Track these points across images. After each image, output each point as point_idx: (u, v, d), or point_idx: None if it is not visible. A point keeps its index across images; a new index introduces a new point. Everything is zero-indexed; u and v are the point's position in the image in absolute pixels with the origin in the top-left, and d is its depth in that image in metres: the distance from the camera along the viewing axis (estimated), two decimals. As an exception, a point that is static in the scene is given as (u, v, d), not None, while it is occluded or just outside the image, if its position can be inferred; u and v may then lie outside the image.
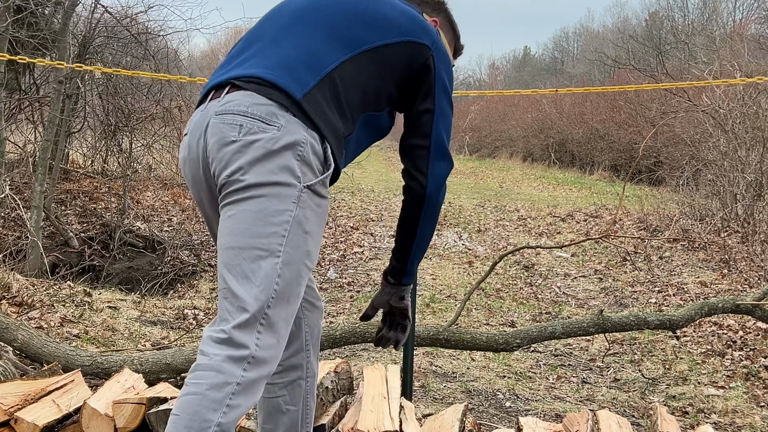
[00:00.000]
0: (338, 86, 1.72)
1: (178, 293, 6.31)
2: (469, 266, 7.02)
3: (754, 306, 3.80)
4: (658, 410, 2.76)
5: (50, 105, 7.22)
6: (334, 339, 3.41)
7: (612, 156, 18.09)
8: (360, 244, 7.97)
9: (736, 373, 3.98)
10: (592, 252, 7.84)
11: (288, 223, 1.64)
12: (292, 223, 1.65)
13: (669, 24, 29.96)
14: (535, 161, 22.24)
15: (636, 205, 10.28)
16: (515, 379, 3.92)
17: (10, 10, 6.55)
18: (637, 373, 4.06)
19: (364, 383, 2.83)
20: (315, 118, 1.66)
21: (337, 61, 1.71)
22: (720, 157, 8.91)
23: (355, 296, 5.71)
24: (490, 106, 27.86)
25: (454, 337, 3.49)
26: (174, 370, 3.15)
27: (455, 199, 12.67)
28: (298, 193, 1.64)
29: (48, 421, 2.39)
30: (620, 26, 41.80)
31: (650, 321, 3.70)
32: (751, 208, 7.92)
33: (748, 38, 16.67)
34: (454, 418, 2.63)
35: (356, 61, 1.73)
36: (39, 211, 6.28)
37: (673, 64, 17.10)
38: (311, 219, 1.68)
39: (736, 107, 8.88)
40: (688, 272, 6.67)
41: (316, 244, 1.72)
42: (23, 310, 4.28)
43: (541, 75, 46.64)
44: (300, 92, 1.66)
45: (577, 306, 5.68)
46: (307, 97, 1.67)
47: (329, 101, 1.71)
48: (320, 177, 1.68)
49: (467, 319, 5.07)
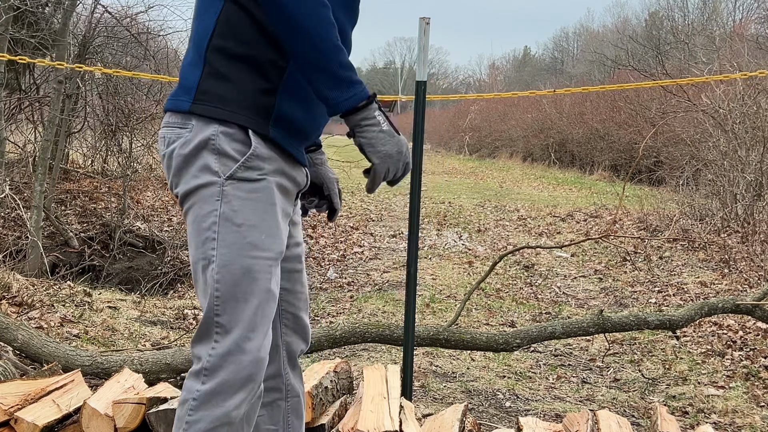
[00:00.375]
0: (229, 41, 1.61)
1: (178, 293, 6.31)
2: (469, 266, 7.02)
3: (754, 306, 3.80)
4: (658, 410, 2.76)
5: (50, 105, 7.22)
6: (334, 339, 3.41)
7: (612, 156, 18.09)
8: (360, 244, 7.97)
9: (736, 373, 3.98)
10: (592, 252, 7.84)
11: (216, 224, 1.58)
12: (220, 222, 1.58)
13: (669, 24, 29.97)
14: (535, 161, 22.25)
15: (636, 205, 10.28)
16: (515, 379, 3.92)
17: (10, 10, 6.55)
18: (637, 373, 4.06)
19: (364, 383, 2.83)
20: (215, 114, 1.58)
21: (211, 26, 1.62)
22: (720, 157, 8.91)
23: (355, 296, 5.71)
24: (490, 106, 27.86)
25: (454, 337, 3.49)
26: (174, 370, 3.15)
27: (455, 199, 12.67)
28: (219, 188, 1.57)
29: (48, 421, 2.39)
30: (620, 26, 41.81)
31: (650, 321, 3.70)
32: (751, 208, 7.92)
33: (748, 38, 16.66)
34: (454, 418, 2.63)
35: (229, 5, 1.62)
36: (39, 211, 6.29)
37: (673, 64, 17.10)
38: (242, 209, 1.58)
39: (736, 107, 8.88)
40: (688, 272, 6.67)
41: (261, 231, 1.60)
42: (23, 310, 4.28)
43: (541, 75, 46.65)
44: (186, 103, 1.61)
45: (577, 306, 5.68)
46: (198, 98, 1.61)
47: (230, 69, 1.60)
48: (241, 160, 1.58)
49: (467, 319, 5.07)
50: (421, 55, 2.98)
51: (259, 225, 1.59)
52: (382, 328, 3.50)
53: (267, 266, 1.61)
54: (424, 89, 3.01)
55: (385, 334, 3.46)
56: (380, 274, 6.54)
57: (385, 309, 5.31)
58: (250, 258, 1.58)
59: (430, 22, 2.95)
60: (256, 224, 1.59)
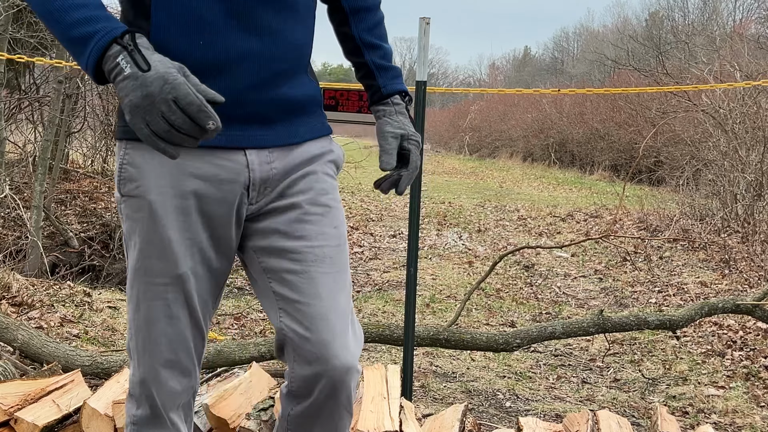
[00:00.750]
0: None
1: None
2: (469, 266, 7.02)
3: (754, 306, 3.80)
4: (658, 410, 2.75)
5: (50, 105, 7.22)
6: (334, 339, 3.40)
7: (612, 156, 18.10)
8: (360, 244, 7.97)
9: (737, 373, 3.98)
10: (592, 252, 7.84)
11: (127, 249, 1.45)
12: (126, 245, 1.45)
13: (669, 24, 29.98)
14: (535, 161, 22.25)
15: (636, 205, 10.28)
16: (515, 379, 3.92)
17: (10, 9, 6.55)
18: (637, 373, 4.06)
19: (364, 383, 2.83)
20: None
21: None
22: (720, 157, 8.91)
23: (355, 296, 5.71)
24: (490, 106, 27.87)
25: (454, 337, 3.49)
26: (174, 370, 3.14)
27: (455, 199, 12.67)
28: (119, 206, 1.43)
29: (48, 421, 2.39)
30: (620, 26, 41.82)
31: (650, 321, 3.70)
32: (751, 208, 7.92)
33: (749, 38, 16.67)
34: (454, 418, 2.63)
35: None
36: (39, 211, 6.28)
37: (674, 64, 17.10)
38: (130, 227, 1.41)
39: (736, 107, 8.88)
40: (688, 272, 6.67)
41: (147, 251, 1.39)
42: (23, 310, 4.28)
43: (541, 75, 46.67)
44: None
45: (577, 306, 5.68)
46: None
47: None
48: (117, 176, 1.40)
49: (467, 319, 5.07)
50: (421, 55, 2.98)
51: (141, 244, 1.40)
52: (382, 328, 3.50)
53: (159, 292, 1.41)
54: (424, 89, 3.01)
55: (385, 334, 3.46)
56: (380, 274, 6.54)
57: (385, 309, 5.31)
58: (142, 283, 1.42)
59: (430, 22, 2.95)
60: (141, 243, 1.40)
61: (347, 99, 3.16)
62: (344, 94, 3.17)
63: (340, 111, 3.15)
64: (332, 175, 1.54)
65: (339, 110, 3.15)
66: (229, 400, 2.44)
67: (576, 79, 33.24)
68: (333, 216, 1.50)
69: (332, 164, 1.54)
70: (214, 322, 4.73)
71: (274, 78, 1.38)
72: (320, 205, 1.47)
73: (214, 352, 3.21)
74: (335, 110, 3.14)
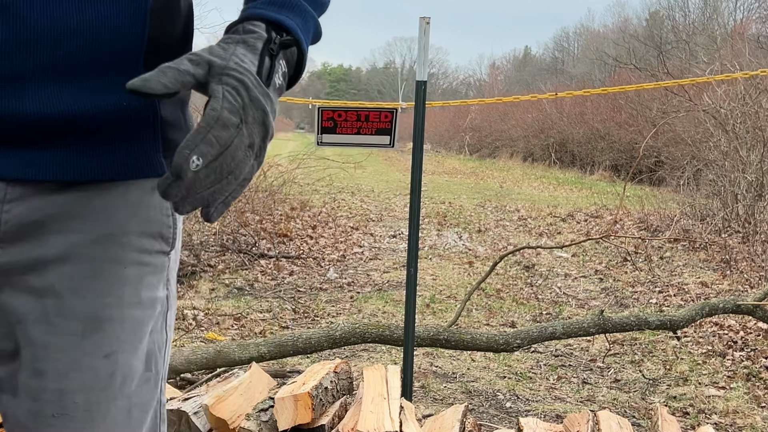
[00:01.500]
0: None
1: (177, 293, 6.30)
2: (469, 266, 7.01)
3: (755, 306, 3.79)
4: (658, 411, 2.75)
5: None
6: (333, 339, 3.40)
7: (612, 156, 18.10)
8: (360, 244, 7.97)
9: (737, 373, 3.98)
10: (592, 252, 7.84)
11: None
12: None
13: (670, 23, 29.99)
14: (535, 161, 22.26)
15: (637, 205, 10.28)
16: (516, 380, 3.91)
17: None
18: (637, 374, 4.05)
19: (364, 384, 2.83)
20: None
21: None
22: (721, 157, 8.91)
23: (355, 296, 5.70)
24: (491, 106, 27.87)
25: (455, 337, 3.48)
26: (173, 371, 3.14)
27: (455, 199, 12.66)
28: None
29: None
30: (621, 26, 41.82)
31: (651, 321, 3.69)
32: (752, 208, 7.91)
33: (749, 38, 16.66)
34: (455, 418, 2.62)
35: None
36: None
37: (674, 63, 17.10)
38: None
39: (737, 107, 8.88)
40: (688, 272, 6.66)
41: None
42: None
43: (542, 75, 46.64)
44: None
45: (577, 306, 5.67)
46: None
47: None
48: None
49: (467, 319, 5.07)
50: (422, 55, 2.97)
51: None
52: (382, 328, 3.49)
53: None
54: (425, 89, 3.00)
55: (385, 335, 3.45)
56: (380, 275, 6.53)
57: (385, 309, 5.31)
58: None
59: (430, 21, 2.95)
60: None
61: (345, 120, 3.11)
62: (342, 114, 3.13)
63: (338, 133, 3.11)
64: (135, 260, 0.91)
65: (338, 132, 3.11)
66: (228, 401, 2.43)
67: (576, 79, 33.22)
68: (107, 336, 0.89)
69: (145, 237, 0.92)
70: (214, 323, 4.73)
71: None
72: (84, 318, 0.88)
73: (214, 352, 3.20)
74: (334, 133, 3.11)
